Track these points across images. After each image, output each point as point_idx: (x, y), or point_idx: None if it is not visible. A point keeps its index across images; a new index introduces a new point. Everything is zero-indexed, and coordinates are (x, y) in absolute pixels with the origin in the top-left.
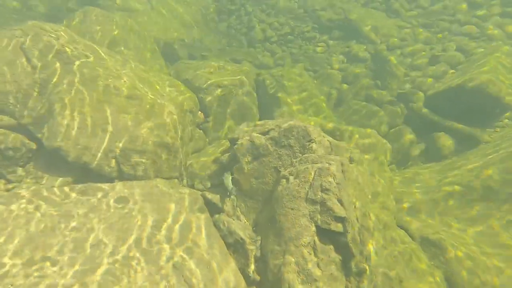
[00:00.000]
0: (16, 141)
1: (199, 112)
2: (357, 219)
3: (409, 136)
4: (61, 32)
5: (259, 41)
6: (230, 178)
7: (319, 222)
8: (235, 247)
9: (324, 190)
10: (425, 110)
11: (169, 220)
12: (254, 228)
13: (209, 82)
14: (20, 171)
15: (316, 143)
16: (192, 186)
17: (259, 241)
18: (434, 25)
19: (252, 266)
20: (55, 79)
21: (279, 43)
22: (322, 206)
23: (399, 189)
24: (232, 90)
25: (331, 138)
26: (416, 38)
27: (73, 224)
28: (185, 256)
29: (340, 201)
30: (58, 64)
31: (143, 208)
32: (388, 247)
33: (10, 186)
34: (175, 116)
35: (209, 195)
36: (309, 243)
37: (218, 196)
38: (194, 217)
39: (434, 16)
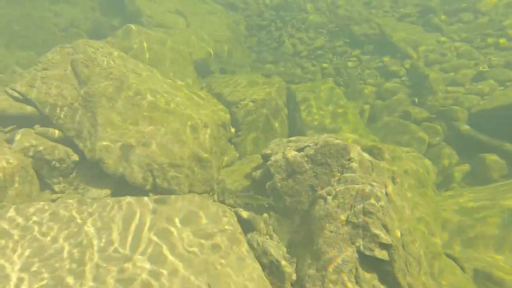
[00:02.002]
0: (63, 153)
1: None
2: (403, 246)
3: (451, 156)
4: (107, 49)
5: (289, 55)
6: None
7: (361, 248)
8: (270, 268)
9: (367, 213)
10: (469, 129)
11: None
12: (288, 249)
13: (241, 97)
14: (63, 182)
15: (356, 162)
16: (223, 202)
17: (295, 263)
18: (479, 39)
19: None
20: (99, 94)
21: (309, 58)
22: (365, 231)
23: (443, 213)
24: (264, 104)
25: (371, 157)
26: (459, 53)
27: None
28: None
29: (385, 226)
30: (102, 80)
31: None
32: (437, 279)
33: (54, 196)
34: (209, 130)
35: (242, 212)
36: (350, 270)
37: (250, 213)
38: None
39: (479, 30)
